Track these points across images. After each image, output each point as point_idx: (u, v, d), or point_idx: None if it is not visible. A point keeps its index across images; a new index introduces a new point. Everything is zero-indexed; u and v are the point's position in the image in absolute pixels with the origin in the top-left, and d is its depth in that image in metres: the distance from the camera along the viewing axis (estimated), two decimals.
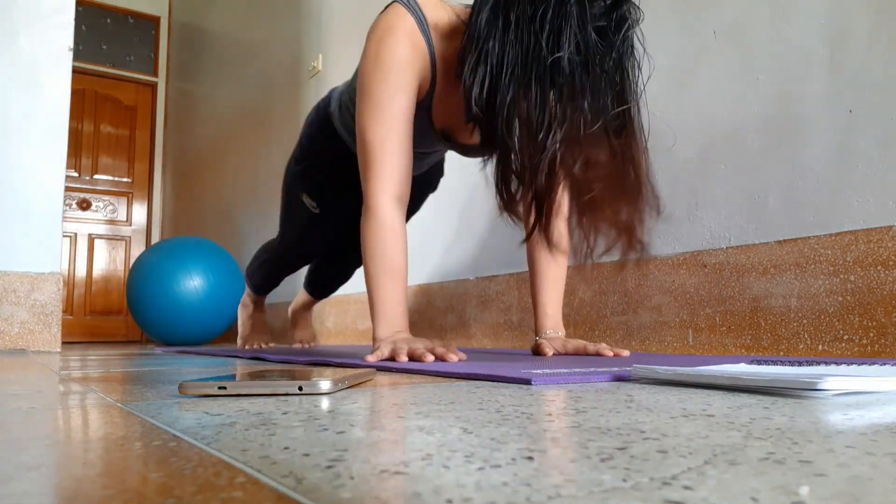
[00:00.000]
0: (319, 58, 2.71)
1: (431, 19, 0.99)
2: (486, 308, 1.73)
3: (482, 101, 0.84)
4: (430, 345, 0.85)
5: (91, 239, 4.56)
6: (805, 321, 1.04)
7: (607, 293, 1.38)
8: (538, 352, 1.07)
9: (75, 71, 4.02)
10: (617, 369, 0.65)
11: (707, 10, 1.24)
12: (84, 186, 4.54)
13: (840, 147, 1.03)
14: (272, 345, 1.95)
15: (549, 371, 0.64)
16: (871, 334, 0.96)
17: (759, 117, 1.14)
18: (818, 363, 0.70)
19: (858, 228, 0.99)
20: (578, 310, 1.44)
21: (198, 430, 0.33)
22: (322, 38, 2.73)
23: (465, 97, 0.87)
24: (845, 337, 0.99)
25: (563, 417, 0.36)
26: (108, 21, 4.73)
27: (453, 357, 0.82)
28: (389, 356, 0.84)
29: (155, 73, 4.89)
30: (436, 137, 1.12)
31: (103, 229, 4.61)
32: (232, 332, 2.99)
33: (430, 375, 0.68)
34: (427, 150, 1.17)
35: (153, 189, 4.80)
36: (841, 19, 1.04)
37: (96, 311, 4.52)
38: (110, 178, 4.65)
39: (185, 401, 0.46)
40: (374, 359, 0.84)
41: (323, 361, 0.91)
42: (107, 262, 4.60)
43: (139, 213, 4.76)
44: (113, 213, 4.66)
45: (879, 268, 0.96)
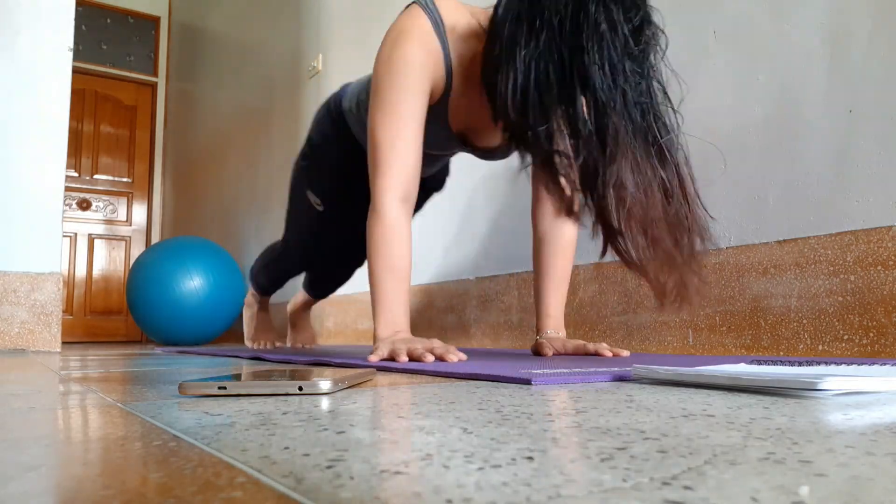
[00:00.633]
0: (319, 58, 2.71)
1: (448, 21, 0.98)
2: (486, 308, 1.73)
3: (517, 107, 0.82)
4: (429, 345, 0.85)
5: (91, 239, 4.56)
6: (805, 321, 1.04)
7: (607, 293, 1.38)
8: (538, 352, 1.07)
9: (75, 71, 4.02)
10: (617, 369, 0.65)
11: (707, 10, 1.24)
12: (84, 186, 4.54)
13: (840, 147, 1.03)
14: (279, 344, 1.95)
15: (549, 371, 0.64)
16: (871, 334, 0.96)
17: (759, 117, 1.14)
18: (818, 363, 0.70)
19: (858, 228, 0.99)
20: (578, 310, 1.44)
21: (198, 430, 0.33)
22: (322, 38, 2.73)
23: (497, 102, 0.85)
24: (845, 337, 0.99)
25: (563, 417, 0.36)
26: (108, 21, 4.73)
27: (453, 357, 0.82)
28: (389, 356, 0.84)
29: (155, 73, 4.89)
30: (453, 140, 1.11)
31: (103, 229, 4.61)
32: (232, 332, 3.00)
33: (430, 375, 0.67)
34: (442, 152, 1.17)
35: (153, 189, 4.80)
36: (841, 19, 1.04)
37: (96, 311, 4.52)
38: (110, 178, 4.65)
39: (185, 401, 0.46)
40: (374, 359, 0.84)
41: (323, 361, 0.91)
42: (107, 262, 4.60)
43: (139, 213, 4.76)
44: (113, 213, 4.66)
45: (879, 268, 0.96)
